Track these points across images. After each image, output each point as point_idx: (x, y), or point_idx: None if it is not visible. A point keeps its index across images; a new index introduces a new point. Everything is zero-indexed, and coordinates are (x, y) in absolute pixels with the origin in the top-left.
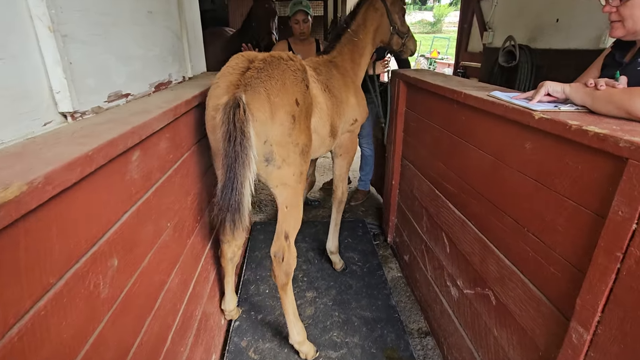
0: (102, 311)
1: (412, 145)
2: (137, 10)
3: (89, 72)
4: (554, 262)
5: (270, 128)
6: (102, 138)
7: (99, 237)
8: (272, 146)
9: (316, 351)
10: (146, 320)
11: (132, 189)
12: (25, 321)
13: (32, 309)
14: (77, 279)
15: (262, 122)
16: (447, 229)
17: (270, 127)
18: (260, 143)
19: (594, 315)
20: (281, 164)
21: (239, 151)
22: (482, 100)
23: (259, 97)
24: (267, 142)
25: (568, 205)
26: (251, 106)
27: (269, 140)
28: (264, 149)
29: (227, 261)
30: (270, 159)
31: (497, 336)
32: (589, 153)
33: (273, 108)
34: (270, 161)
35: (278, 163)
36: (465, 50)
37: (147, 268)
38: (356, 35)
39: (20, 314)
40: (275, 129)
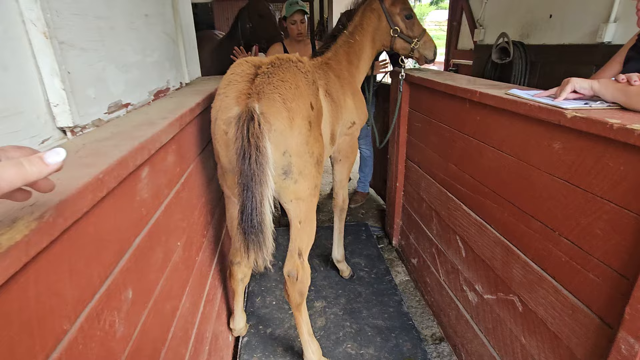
0: (118, 352)
1: (417, 147)
2: (133, 14)
3: (88, 82)
4: (593, 268)
5: (289, 137)
6: (110, 157)
7: (112, 269)
8: (290, 157)
9: None
10: (161, 353)
11: (142, 210)
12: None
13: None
14: (92, 320)
15: (281, 132)
16: (462, 232)
17: (289, 136)
18: (279, 155)
19: None
20: (298, 177)
21: (255, 169)
22: (502, 99)
23: (274, 104)
24: (286, 153)
25: (609, 208)
26: (267, 115)
27: (288, 150)
28: (283, 161)
29: (237, 282)
30: (288, 172)
31: (525, 343)
32: (634, 153)
33: (291, 114)
34: (288, 174)
35: (295, 176)
36: (455, 48)
37: (160, 295)
38: (352, 37)
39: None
40: (294, 138)
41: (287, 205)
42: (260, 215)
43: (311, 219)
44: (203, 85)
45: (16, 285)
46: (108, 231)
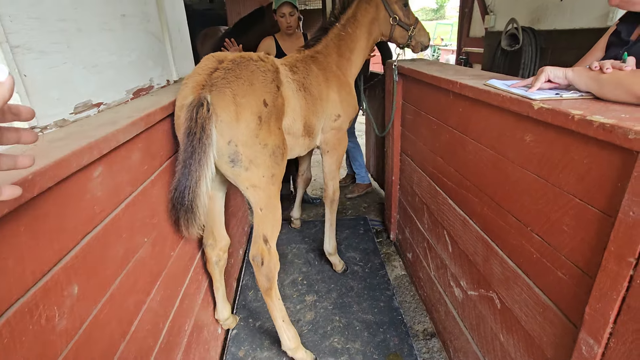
0: (58, 345)
1: (410, 140)
2: (107, 14)
3: (49, 84)
4: (561, 265)
5: (234, 129)
6: (49, 158)
7: (51, 266)
8: (237, 147)
9: (314, 359)
10: (120, 345)
11: (95, 208)
12: None
13: None
14: (22, 314)
15: (227, 123)
16: (449, 227)
17: (235, 128)
18: (224, 143)
19: (606, 327)
20: (248, 165)
21: (196, 146)
22: (478, 90)
23: (223, 97)
24: (231, 143)
25: (575, 203)
26: (216, 106)
27: (233, 140)
28: (229, 149)
29: (212, 266)
30: (235, 160)
31: (504, 342)
32: (596, 146)
33: (238, 109)
34: (236, 162)
35: (245, 164)
36: (467, 36)
37: (119, 290)
38: (344, 30)
39: None
40: (240, 130)
41: (245, 192)
42: (192, 195)
43: (273, 206)
44: None
45: None
46: (46, 230)
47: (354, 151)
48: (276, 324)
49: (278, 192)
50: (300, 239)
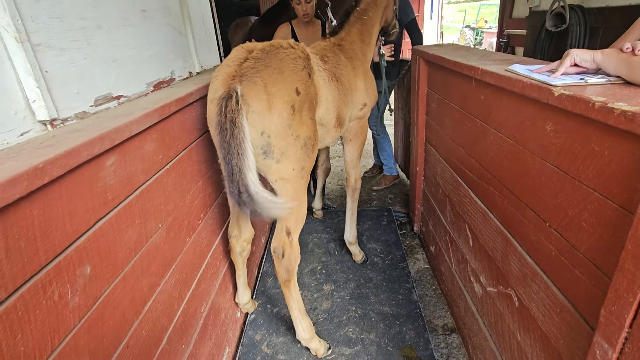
0: (71, 320)
1: (434, 129)
2: (127, 11)
3: (70, 79)
4: (579, 264)
5: (267, 119)
6: (62, 147)
7: (63, 247)
8: (269, 138)
9: (328, 348)
10: (133, 324)
11: (107, 195)
12: None
13: None
14: (35, 291)
15: (258, 113)
16: (470, 221)
17: (267, 118)
18: (257, 134)
19: (621, 331)
20: (280, 157)
21: (232, 142)
22: (499, 76)
23: (254, 87)
24: (264, 134)
25: (594, 198)
26: (247, 97)
27: (266, 131)
28: (261, 140)
29: (236, 255)
30: (268, 152)
31: (520, 341)
32: (617, 136)
33: (270, 98)
34: (269, 154)
35: (277, 156)
36: (509, 17)
37: (132, 272)
38: (365, 14)
39: None
40: (272, 120)
41: (273, 185)
42: (244, 187)
43: (299, 199)
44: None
45: None
46: (58, 214)
47: (383, 142)
48: (292, 314)
49: (306, 186)
50: (322, 228)
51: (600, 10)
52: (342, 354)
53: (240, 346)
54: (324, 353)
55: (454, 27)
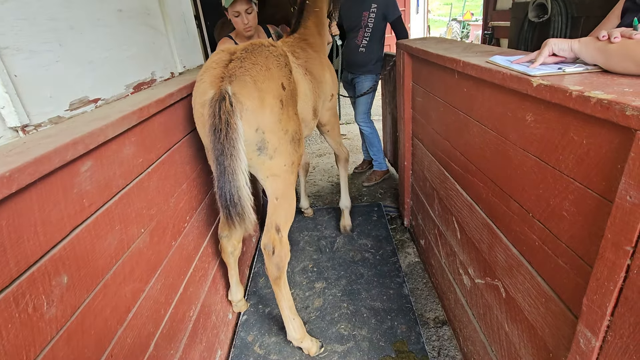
0: (47, 332)
1: (420, 123)
2: (101, 11)
3: (42, 83)
4: (562, 254)
5: (260, 115)
6: (32, 154)
7: (37, 258)
8: (264, 134)
9: (321, 346)
10: (116, 332)
11: (84, 201)
12: None
13: None
14: (7, 303)
15: (252, 110)
16: (457, 213)
17: (260, 114)
18: (251, 131)
19: (603, 319)
20: (273, 153)
21: (225, 143)
22: (480, 68)
23: (245, 85)
24: (258, 130)
25: (574, 187)
26: (239, 95)
27: (260, 127)
28: (256, 137)
29: (228, 255)
30: (262, 148)
31: (508, 331)
32: (595, 125)
33: (261, 94)
34: (263, 150)
35: (270, 152)
36: (493, 9)
37: (113, 279)
38: (316, 5)
39: None
40: (265, 116)
41: (264, 181)
42: (234, 189)
43: (289, 195)
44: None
45: None
46: (29, 223)
47: (372, 137)
48: (282, 313)
49: (294, 181)
50: (312, 226)
51: (581, 0)
52: (334, 352)
53: (233, 348)
54: (317, 352)
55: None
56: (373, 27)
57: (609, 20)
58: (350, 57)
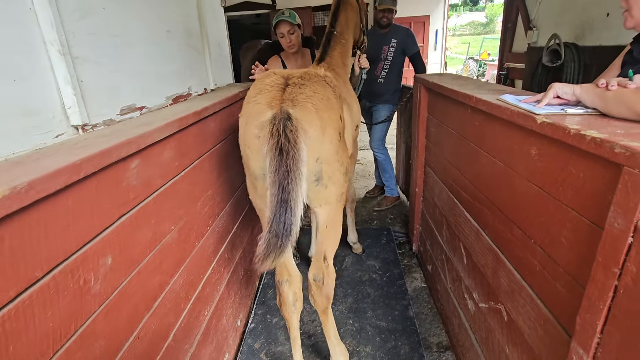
0: (92, 305)
1: (433, 152)
2: (154, 30)
3: (100, 89)
4: (559, 278)
5: (321, 145)
6: (95, 148)
7: (91, 237)
8: (322, 164)
9: None
10: (144, 316)
11: (130, 194)
12: (8, 308)
13: (17, 298)
14: (65, 274)
15: (314, 139)
16: (464, 239)
17: (321, 144)
18: (312, 161)
19: (593, 337)
20: (328, 182)
21: (291, 165)
22: (491, 104)
23: (308, 112)
24: (318, 160)
25: (572, 216)
26: (302, 121)
27: (320, 157)
28: (315, 167)
29: (289, 308)
30: (319, 178)
31: (509, 354)
32: (590, 160)
33: (323, 124)
34: (320, 180)
35: (325, 182)
36: (509, 51)
37: (146, 268)
38: (343, 37)
39: (3, 303)
40: (325, 146)
41: (317, 209)
42: (292, 217)
43: (337, 223)
44: (227, 91)
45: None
46: (88, 207)
47: (385, 163)
48: (330, 341)
49: (342, 209)
50: None
51: (593, 49)
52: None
53: (240, 353)
54: None
55: (458, 58)
56: (392, 61)
57: (610, 70)
58: (370, 87)
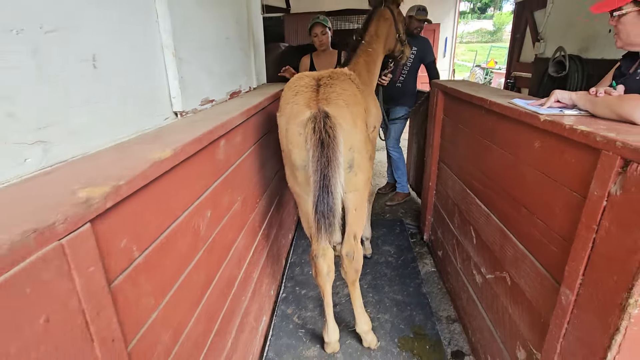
0: (200, 245)
1: (447, 149)
2: (218, 37)
3: (191, 84)
4: (554, 241)
5: (353, 135)
6: (202, 128)
7: (200, 195)
8: (354, 152)
9: (377, 341)
10: (223, 263)
11: (218, 166)
12: (160, 240)
13: (163, 233)
14: (188, 219)
15: (348, 131)
16: (475, 223)
17: (353, 134)
18: (346, 150)
19: (577, 279)
20: (357, 170)
21: (331, 155)
22: (503, 106)
23: (341, 108)
24: (351, 149)
25: (565, 192)
26: (337, 117)
27: (353, 147)
28: (349, 155)
29: (324, 278)
30: (352, 165)
31: (512, 313)
32: (579, 148)
33: (354, 117)
34: (352, 167)
35: (356, 170)
36: (517, 61)
37: (223, 227)
38: (370, 46)
39: (161, 231)
40: (356, 136)
41: (347, 195)
42: (334, 199)
43: (364, 207)
44: (265, 89)
45: (159, 184)
46: (200, 172)
47: (399, 161)
48: (356, 310)
49: (367, 195)
50: None
51: (596, 61)
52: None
53: (275, 317)
54: (376, 344)
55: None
56: (410, 67)
57: (603, 82)
58: (389, 90)
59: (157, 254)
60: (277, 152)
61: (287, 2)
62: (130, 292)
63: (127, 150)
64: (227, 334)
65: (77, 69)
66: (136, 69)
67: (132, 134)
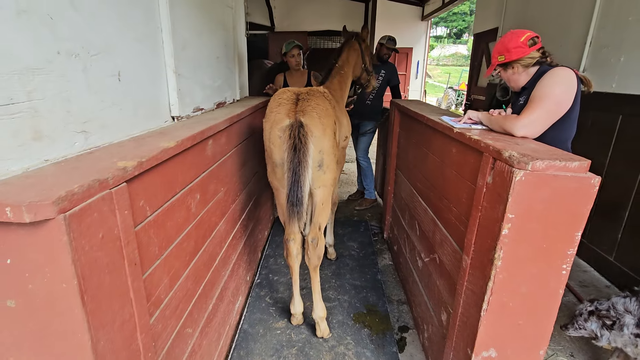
0: (191, 219)
1: (402, 157)
2: (210, 57)
3: (186, 94)
4: (461, 222)
5: (323, 141)
6: (196, 129)
7: (192, 180)
8: (323, 155)
9: (329, 332)
10: (206, 240)
11: (207, 160)
12: (164, 207)
13: (166, 203)
14: (183, 197)
15: (318, 137)
16: (418, 217)
17: (323, 141)
18: (317, 152)
19: (471, 247)
20: (326, 169)
21: (301, 158)
22: (435, 121)
23: (313, 119)
24: (321, 152)
25: (466, 184)
26: (310, 126)
27: (322, 150)
28: (319, 157)
29: (293, 258)
30: (321, 165)
31: (439, 285)
32: (473, 151)
33: (324, 127)
34: (322, 167)
35: (325, 169)
36: (475, 85)
37: (208, 211)
38: (342, 69)
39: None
40: (325, 142)
41: (316, 190)
42: (302, 192)
43: (329, 202)
44: (247, 101)
45: (164, 168)
46: (193, 162)
47: (367, 170)
48: (315, 296)
49: (332, 192)
50: None
51: None
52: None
53: (249, 298)
54: (328, 334)
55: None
56: (379, 87)
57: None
58: (359, 107)
59: (162, 217)
60: (255, 155)
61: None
62: (144, 238)
63: (142, 141)
64: (209, 299)
65: (108, 82)
66: (146, 82)
67: (142, 131)
